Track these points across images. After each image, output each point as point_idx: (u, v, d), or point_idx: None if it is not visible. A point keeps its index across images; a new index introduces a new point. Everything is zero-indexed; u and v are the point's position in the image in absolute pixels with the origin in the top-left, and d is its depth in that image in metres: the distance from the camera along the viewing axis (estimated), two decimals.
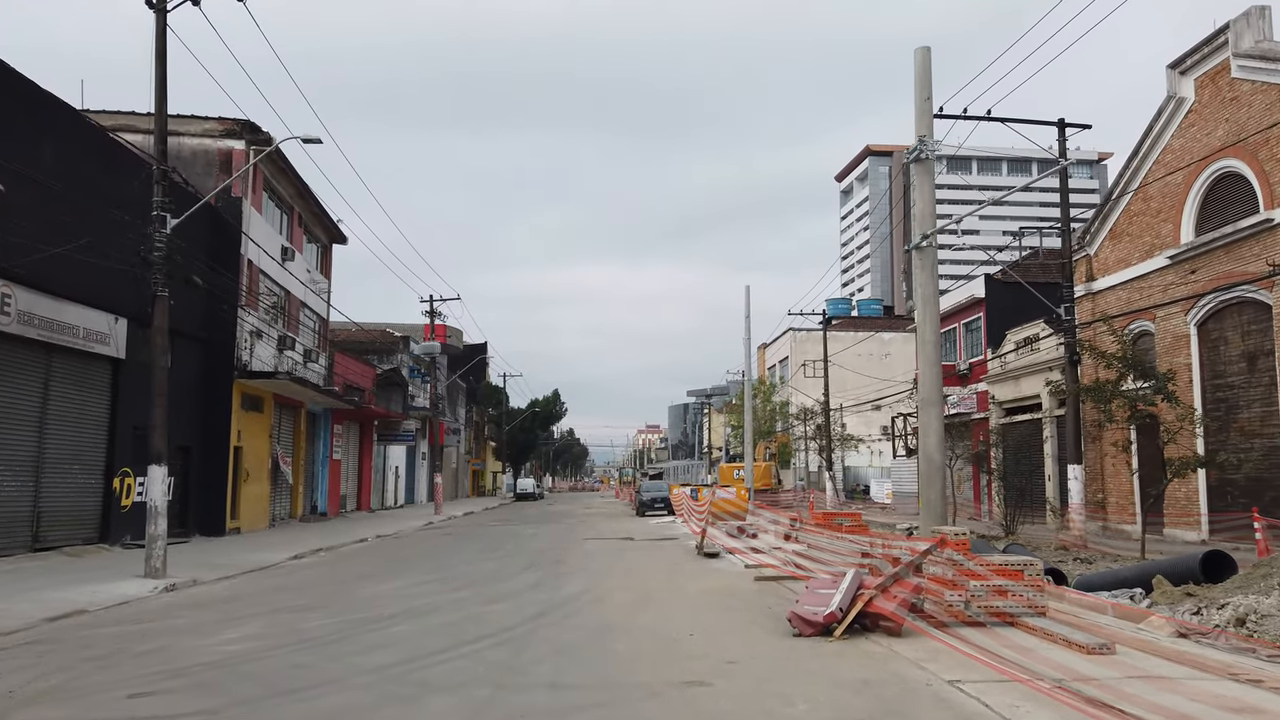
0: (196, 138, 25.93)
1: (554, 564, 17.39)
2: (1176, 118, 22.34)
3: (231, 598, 13.52)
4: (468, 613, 11.13)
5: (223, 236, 25.39)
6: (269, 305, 29.01)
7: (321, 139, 17.65)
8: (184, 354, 24.16)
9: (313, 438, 34.72)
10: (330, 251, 37.08)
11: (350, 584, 14.95)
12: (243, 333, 26.12)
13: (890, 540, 12.67)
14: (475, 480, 78.06)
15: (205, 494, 24.74)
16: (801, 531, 16.48)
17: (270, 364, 27.78)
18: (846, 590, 8.90)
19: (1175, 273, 22.27)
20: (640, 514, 39.22)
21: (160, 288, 16.19)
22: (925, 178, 18.20)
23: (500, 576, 15.45)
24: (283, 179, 29.69)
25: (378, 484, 45.78)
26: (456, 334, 66.36)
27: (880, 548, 11.78)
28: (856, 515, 17.15)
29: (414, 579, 15.40)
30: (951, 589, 9.09)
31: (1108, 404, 18.47)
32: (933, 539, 9.28)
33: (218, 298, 24.63)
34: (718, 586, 13.57)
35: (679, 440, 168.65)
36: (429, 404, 47.67)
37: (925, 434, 17.72)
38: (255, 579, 16.31)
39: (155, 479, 15.94)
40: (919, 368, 18.10)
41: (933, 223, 18.08)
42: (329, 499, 36.30)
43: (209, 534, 24.51)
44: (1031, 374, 29.71)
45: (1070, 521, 21.31)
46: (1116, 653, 7.81)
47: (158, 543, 15.63)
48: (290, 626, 10.38)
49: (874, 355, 62.78)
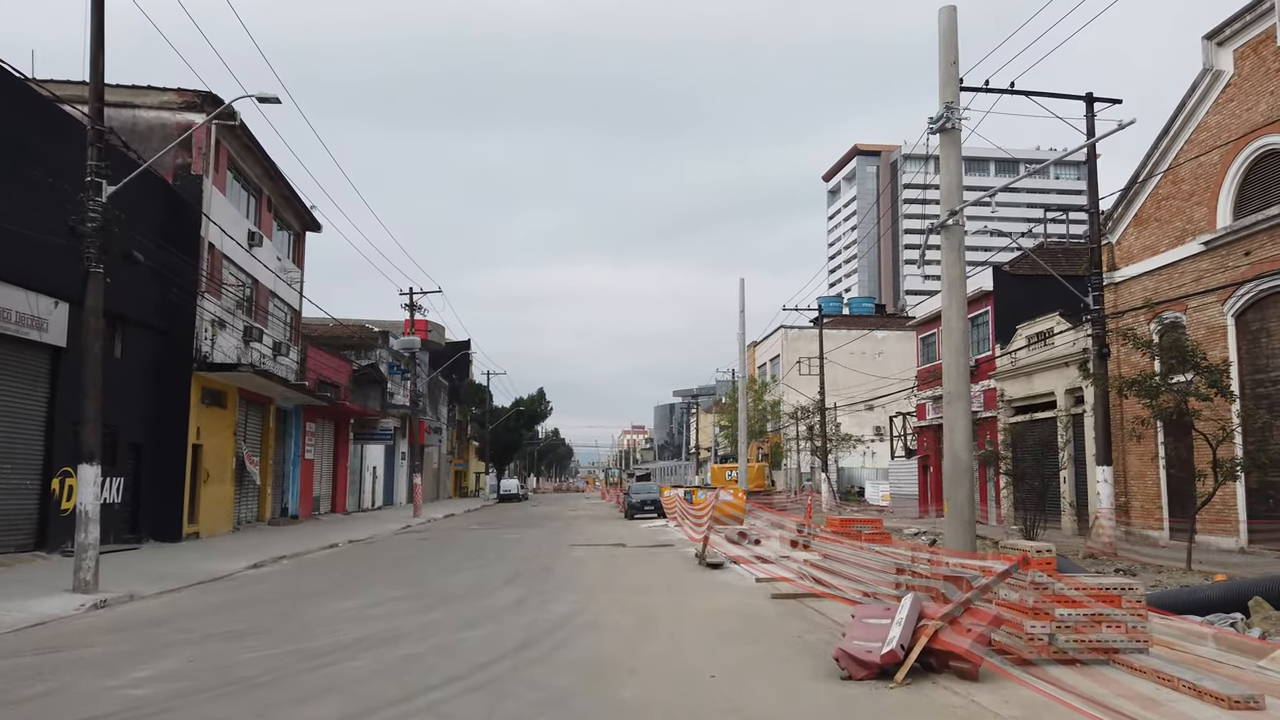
0: (153, 110, 23.93)
1: (540, 575, 15.56)
2: (1213, 93, 20.73)
3: (165, 618, 11.64)
4: (436, 642, 9.29)
5: (181, 218, 23.41)
6: (234, 294, 27.02)
7: (280, 99, 15.74)
8: (137, 343, 22.21)
9: (283, 436, 32.72)
10: (303, 239, 35.07)
11: (306, 601, 13.07)
12: (203, 322, 24.15)
13: (926, 553, 10.92)
14: (458, 481, 75.98)
15: (159, 496, 22.76)
16: (815, 539, 14.71)
17: (235, 356, 25.83)
18: (906, 621, 7.13)
19: (1210, 260, 20.65)
20: (629, 517, 37.40)
21: (94, 263, 14.27)
22: (951, 149, 16.53)
23: (478, 591, 13.62)
24: (249, 158, 27.70)
25: (354, 485, 43.73)
26: (438, 330, 64.35)
27: (922, 562, 10.02)
28: (877, 521, 15.40)
29: (380, 594, 13.54)
30: (1034, 617, 7.34)
31: (1154, 399, 16.81)
32: (1009, 556, 7.52)
33: (175, 283, 22.67)
34: (730, 606, 11.76)
35: (665, 441, 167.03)
36: (408, 401, 45.66)
37: (952, 430, 16.08)
38: (201, 593, 14.42)
39: (86, 480, 14.02)
40: (944, 357, 16.42)
41: (959, 198, 16.42)
42: (301, 501, 34.29)
43: (163, 539, 22.54)
44: (1045, 370, 28.09)
45: (1101, 528, 19.64)
46: (1267, 707, 6.07)
47: (88, 553, 13.72)
48: (218, 661, 8.53)
49: (867, 354, 61.24)
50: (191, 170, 23.97)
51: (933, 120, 16.49)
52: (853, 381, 54.04)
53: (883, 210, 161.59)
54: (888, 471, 47.06)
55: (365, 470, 46.00)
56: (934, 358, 37.66)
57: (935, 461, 37.92)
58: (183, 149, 24.01)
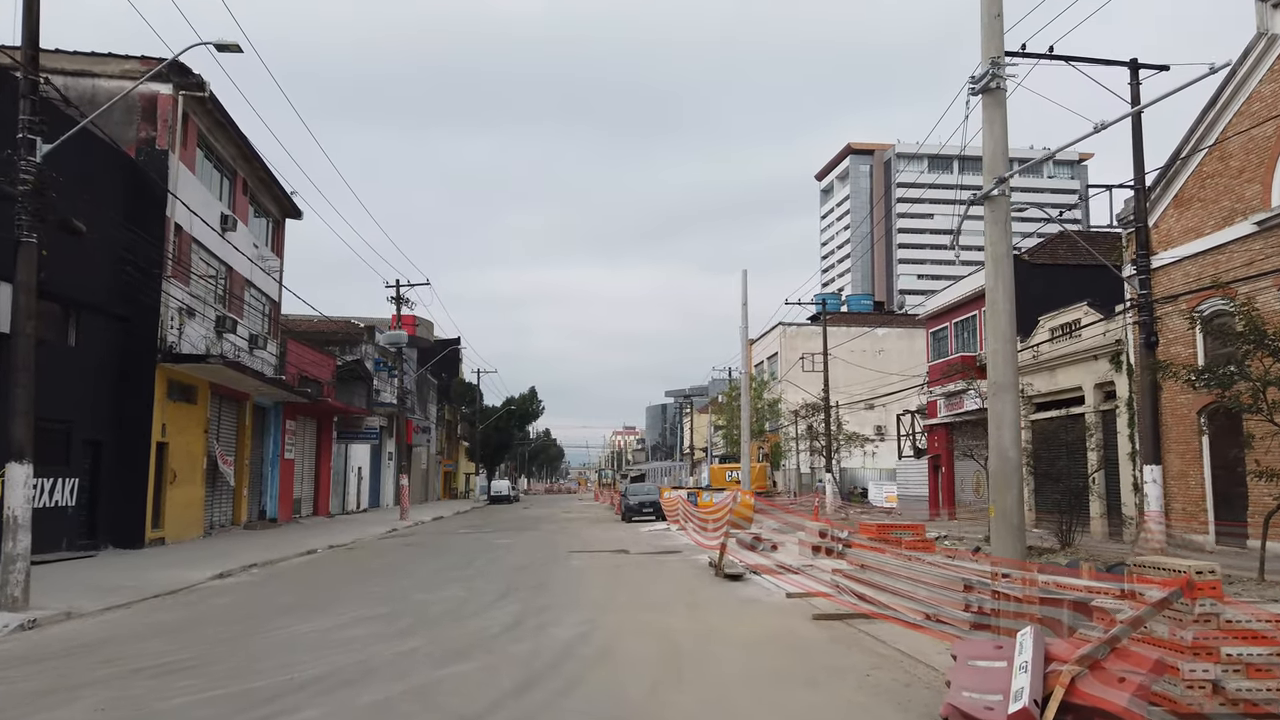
0: (114, 79, 22.02)
1: (536, 590, 13.75)
2: (1268, 59, 19.06)
3: (97, 643, 9.82)
4: (414, 682, 7.49)
5: (145, 196, 21.56)
6: (205, 280, 25.12)
7: (240, 48, 13.87)
8: (94, 331, 20.34)
9: (261, 434, 30.83)
10: (283, 227, 33.16)
11: (266, 621, 11.25)
12: (169, 310, 22.26)
13: (1011, 567, 9.18)
14: (447, 482, 74.00)
15: (120, 498, 20.87)
16: (849, 547, 12.96)
17: (205, 348, 23.94)
18: (1033, 666, 5.37)
19: (1265, 240, 18.97)
20: (626, 520, 35.57)
21: (26, 231, 12.44)
22: (996, 110, 14.80)
23: (466, 610, 11.83)
24: (222, 135, 25.80)
25: (338, 486, 41.80)
26: (427, 326, 62.44)
27: (1007, 579, 8.29)
28: (918, 527, 13.65)
29: (352, 613, 11.73)
30: (1194, 657, 5.61)
31: (1226, 388, 15.11)
32: (1169, 580, 5.76)
33: (138, 266, 20.81)
34: (768, 631, 9.95)
35: (657, 441, 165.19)
36: (395, 399, 43.75)
37: (999, 425, 14.38)
38: (150, 610, 12.59)
39: (16, 481, 12.20)
40: (989, 344, 14.68)
41: (1005, 165, 14.70)
42: (280, 503, 32.38)
43: (124, 546, 20.66)
44: (1071, 364, 26.44)
45: (1149, 532, 17.98)
46: None
47: (17, 564, 11.93)
48: (137, 709, 6.72)
49: (867, 352, 59.65)
50: (156, 145, 22.08)
51: (974, 80, 14.69)
52: (854, 379, 52.39)
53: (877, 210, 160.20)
54: (895, 472, 45.32)
55: (350, 471, 44.05)
56: (946, 352, 36.01)
57: (947, 461, 36.26)
58: (146, 122, 22.14)
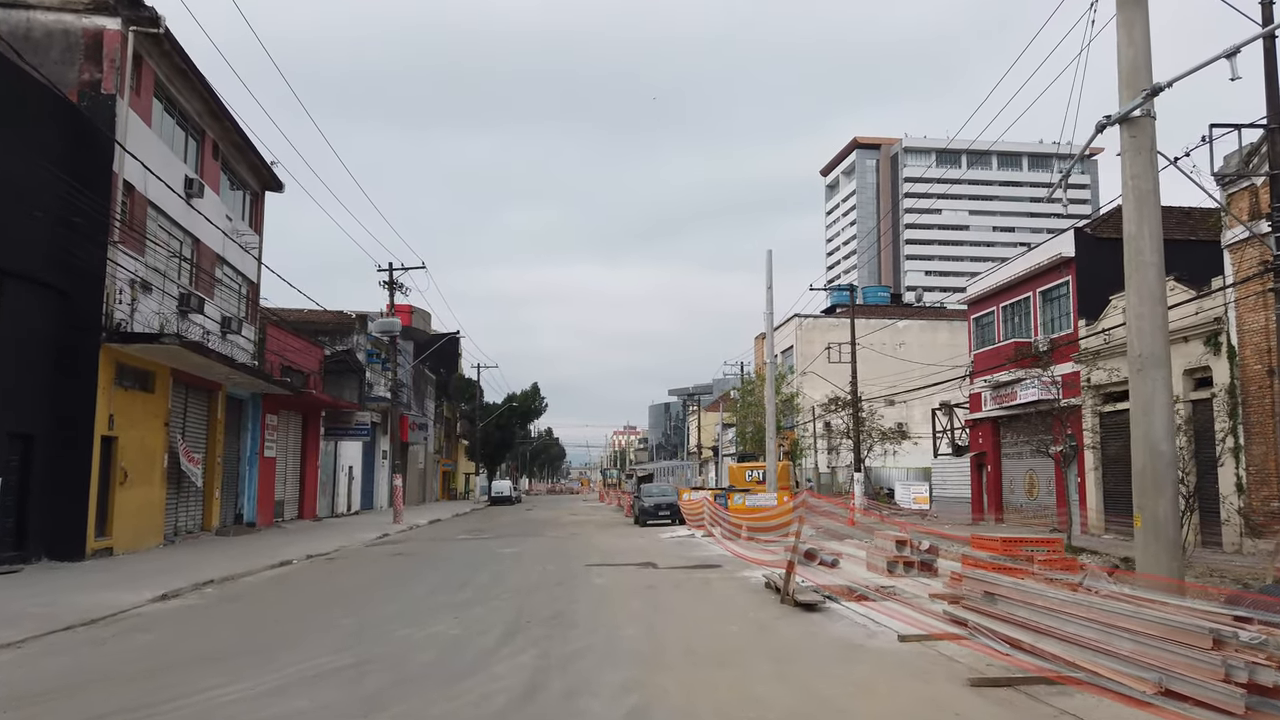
0: (53, 12, 18.86)
1: (553, 624, 10.54)
2: None
3: None
4: None
5: (88, 149, 18.41)
6: (166, 251, 21.93)
7: None
8: (23, 305, 17.18)
9: (236, 429, 27.64)
10: (262, 200, 29.96)
11: (180, 678, 8.05)
12: (117, 282, 19.09)
13: None
14: (446, 482, 70.75)
15: (57, 501, 17.72)
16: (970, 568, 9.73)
17: (159, 326, 20.76)
18: None
19: None
20: (641, 523, 32.34)
21: None
22: (1138, 10, 11.66)
23: (460, 660, 8.64)
24: (184, 86, 22.59)
25: (326, 487, 38.56)
26: (424, 317, 59.26)
27: None
28: (1054, 542, 10.47)
29: (304, 662, 8.54)
30: None
31: None
32: None
33: (80, 230, 17.63)
34: (916, 711, 6.71)
35: (660, 441, 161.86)
36: (389, 393, 40.54)
37: (1148, 412, 11.28)
38: (42, 652, 9.43)
39: None
40: (1132, 308, 11.47)
41: (1148, 76, 11.55)
42: (260, 506, 29.19)
43: (61, 557, 17.53)
44: None
45: None
46: None
47: None
48: None
49: (887, 345, 56.40)
50: (102, 89, 18.90)
51: None
52: (873, 374, 49.17)
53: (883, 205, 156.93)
54: (925, 472, 42.09)
55: (340, 470, 40.81)
56: (991, 340, 32.80)
57: (994, 459, 33.03)
58: (90, 61, 18.95)
